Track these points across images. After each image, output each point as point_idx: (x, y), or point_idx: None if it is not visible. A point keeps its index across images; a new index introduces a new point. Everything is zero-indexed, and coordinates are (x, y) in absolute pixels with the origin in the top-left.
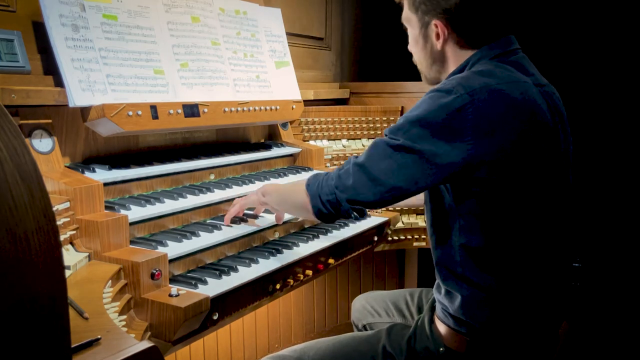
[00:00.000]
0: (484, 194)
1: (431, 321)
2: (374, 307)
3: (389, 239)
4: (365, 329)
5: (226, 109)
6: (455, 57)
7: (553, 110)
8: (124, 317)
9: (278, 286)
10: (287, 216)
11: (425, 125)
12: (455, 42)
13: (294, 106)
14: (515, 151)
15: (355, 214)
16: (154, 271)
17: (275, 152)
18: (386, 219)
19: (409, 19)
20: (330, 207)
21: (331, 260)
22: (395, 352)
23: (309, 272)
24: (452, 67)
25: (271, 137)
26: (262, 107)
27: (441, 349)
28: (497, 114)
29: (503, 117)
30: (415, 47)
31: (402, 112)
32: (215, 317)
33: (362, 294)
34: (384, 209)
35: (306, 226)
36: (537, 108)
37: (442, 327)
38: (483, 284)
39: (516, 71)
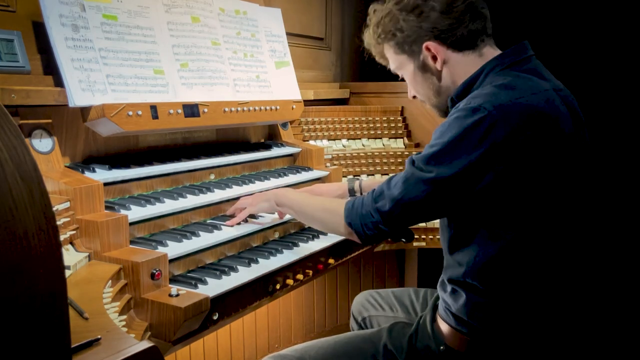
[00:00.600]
0: (499, 207)
1: (433, 320)
2: (377, 301)
3: (389, 239)
4: (364, 322)
5: (226, 109)
6: (459, 66)
7: (574, 115)
8: (124, 317)
9: (278, 286)
10: (287, 216)
11: (457, 153)
12: (453, 52)
13: (294, 106)
14: (541, 163)
15: (403, 240)
16: (154, 271)
17: (275, 152)
18: None
19: (400, 63)
20: (377, 239)
21: (331, 260)
22: (397, 350)
23: (309, 272)
24: (460, 77)
25: (271, 137)
26: (262, 107)
27: (442, 348)
28: (526, 128)
29: (532, 130)
30: (417, 85)
31: (402, 112)
32: (215, 317)
33: (365, 291)
34: None
35: (306, 226)
36: (562, 116)
37: (443, 326)
38: (492, 292)
39: (535, 78)
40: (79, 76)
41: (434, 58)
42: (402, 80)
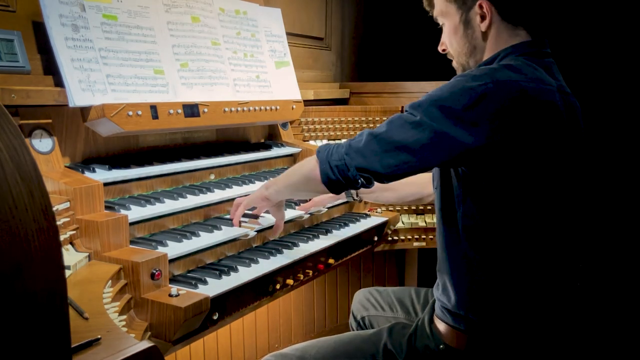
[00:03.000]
0: (489, 183)
1: (431, 320)
2: (378, 301)
3: (389, 239)
4: (364, 322)
5: (226, 109)
6: (493, 41)
7: (572, 119)
8: (124, 317)
9: (278, 286)
10: (288, 215)
11: (445, 106)
12: (497, 22)
13: (294, 106)
14: (528, 150)
15: (362, 181)
16: (154, 271)
17: (275, 152)
18: (386, 219)
19: (445, 11)
20: (339, 173)
21: (331, 260)
22: (396, 351)
23: (309, 272)
24: (487, 52)
25: (271, 137)
26: (262, 107)
27: (441, 347)
28: (517, 112)
29: (522, 115)
30: (453, 37)
31: (402, 112)
32: (215, 317)
33: (366, 288)
34: (384, 208)
35: (306, 226)
36: (557, 112)
37: (441, 325)
38: (485, 273)
39: (544, 73)
40: (79, 76)
41: (482, 17)
42: (402, 80)
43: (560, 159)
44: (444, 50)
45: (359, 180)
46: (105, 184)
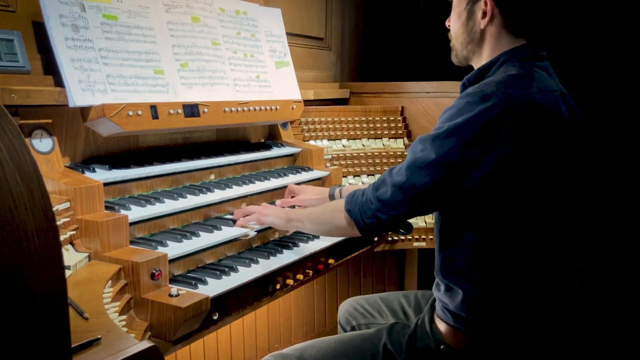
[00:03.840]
0: (497, 197)
1: (431, 320)
2: (365, 309)
3: (389, 239)
4: (355, 330)
5: (226, 109)
6: (493, 43)
7: (572, 120)
8: (124, 317)
9: (278, 286)
10: None
11: (465, 133)
12: (498, 26)
13: (294, 106)
14: (538, 161)
15: (401, 229)
16: (154, 271)
17: (275, 152)
18: None
19: None
20: (376, 229)
21: (331, 261)
22: (396, 351)
23: (309, 272)
24: (485, 53)
25: (271, 137)
26: (262, 107)
27: (442, 347)
28: (532, 124)
29: (536, 127)
30: (456, 21)
31: (402, 112)
32: (215, 317)
33: (349, 298)
34: None
35: None
36: (563, 119)
37: (442, 325)
38: (487, 283)
39: (547, 77)
40: (79, 76)
41: (484, 14)
42: (402, 80)
43: (563, 165)
44: (448, 25)
45: (399, 230)
46: (105, 184)
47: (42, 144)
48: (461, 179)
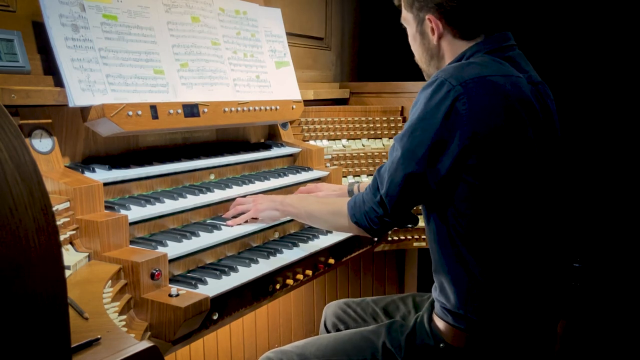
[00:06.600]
0: (474, 181)
1: (430, 319)
2: (356, 311)
3: (389, 239)
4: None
5: (226, 109)
6: (452, 50)
7: (543, 108)
8: (124, 317)
9: (278, 286)
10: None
11: (425, 125)
12: (451, 35)
13: (294, 106)
14: (504, 139)
15: (409, 225)
16: (154, 271)
17: (275, 152)
18: None
19: (406, 18)
20: (384, 230)
21: (331, 261)
22: (395, 349)
23: (309, 272)
24: (448, 60)
25: (271, 137)
26: (262, 107)
27: (441, 345)
28: (489, 102)
29: (494, 105)
30: (414, 44)
31: (402, 112)
32: (215, 317)
33: (335, 301)
34: None
35: (306, 226)
36: (528, 101)
37: (441, 324)
38: (480, 273)
39: (510, 67)
40: (79, 76)
41: (433, 31)
42: (402, 80)
43: (533, 150)
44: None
45: (407, 225)
46: (105, 184)
47: (42, 144)
48: (434, 167)
